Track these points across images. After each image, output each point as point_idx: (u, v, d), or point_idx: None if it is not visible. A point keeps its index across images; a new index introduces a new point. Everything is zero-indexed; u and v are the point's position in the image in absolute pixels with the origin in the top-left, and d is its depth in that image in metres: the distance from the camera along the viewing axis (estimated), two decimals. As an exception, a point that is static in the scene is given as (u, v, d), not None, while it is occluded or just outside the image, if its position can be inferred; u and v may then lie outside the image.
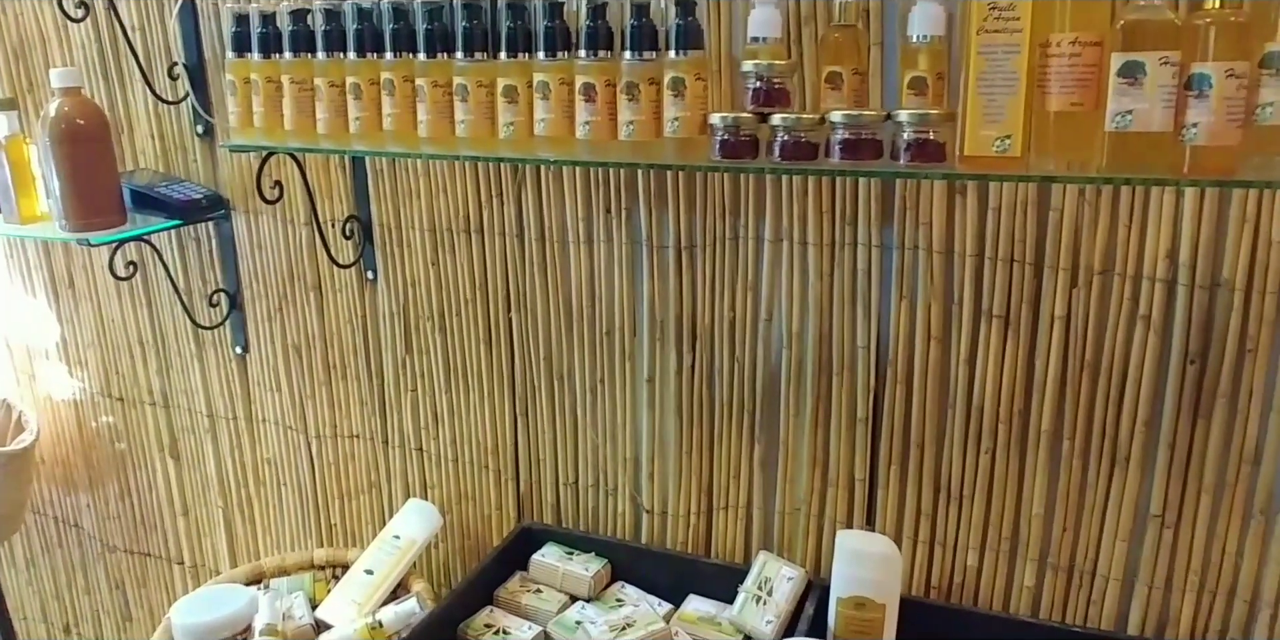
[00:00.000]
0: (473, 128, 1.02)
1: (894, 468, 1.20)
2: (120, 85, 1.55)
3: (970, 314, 1.11)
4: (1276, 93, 0.74)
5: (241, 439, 1.69)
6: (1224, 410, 1.02)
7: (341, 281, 1.48)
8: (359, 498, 1.62)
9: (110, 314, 1.73)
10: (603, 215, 1.27)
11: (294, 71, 1.11)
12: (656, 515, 1.37)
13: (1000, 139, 0.81)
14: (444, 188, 1.35)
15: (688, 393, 1.29)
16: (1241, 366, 1.01)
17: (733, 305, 1.23)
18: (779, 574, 1.22)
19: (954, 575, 1.21)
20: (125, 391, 1.79)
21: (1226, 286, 0.99)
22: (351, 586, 1.39)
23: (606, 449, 1.38)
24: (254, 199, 1.50)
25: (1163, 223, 1.00)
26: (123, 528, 1.92)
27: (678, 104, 0.93)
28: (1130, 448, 1.07)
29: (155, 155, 1.56)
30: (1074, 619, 1.16)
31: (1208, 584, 1.09)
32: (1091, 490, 1.11)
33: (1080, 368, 1.08)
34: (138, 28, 1.48)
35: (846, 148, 0.88)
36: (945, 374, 1.15)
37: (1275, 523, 1.04)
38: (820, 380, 1.21)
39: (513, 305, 1.37)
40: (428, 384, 1.48)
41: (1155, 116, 0.76)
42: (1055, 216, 1.04)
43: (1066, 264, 1.05)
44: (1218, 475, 1.05)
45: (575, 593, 1.31)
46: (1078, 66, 0.78)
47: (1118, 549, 1.11)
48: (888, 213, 1.12)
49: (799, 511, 1.28)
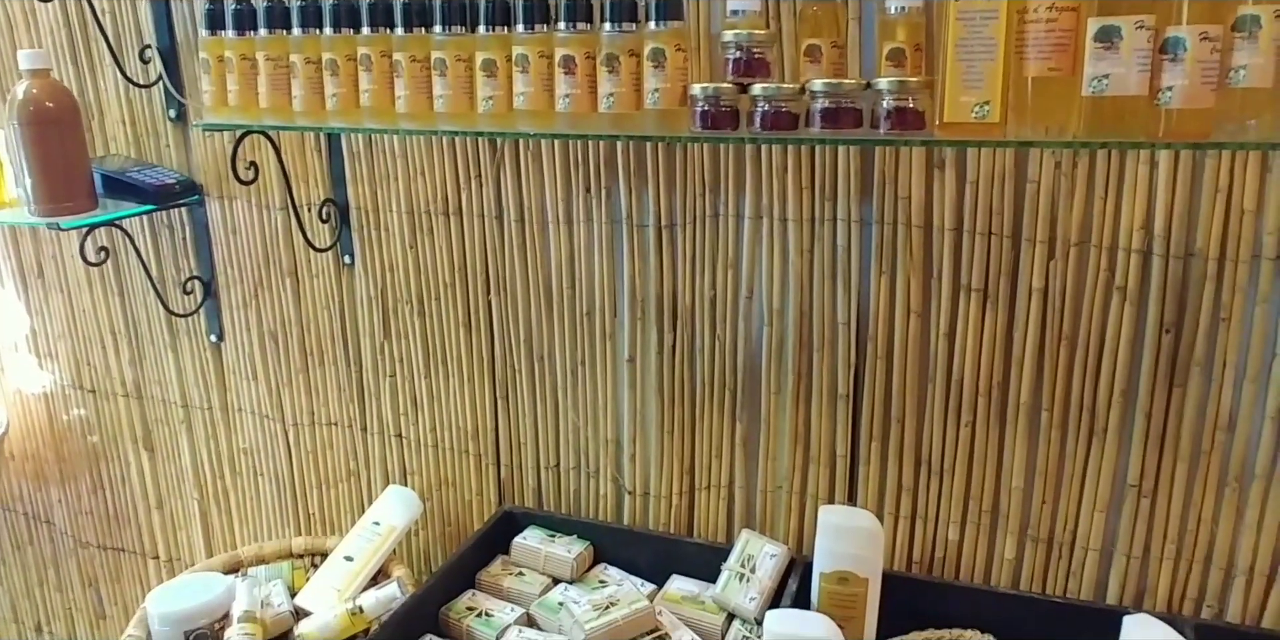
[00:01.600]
0: (451, 102, 1.02)
1: (875, 443, 1.21)
2: (90, 70, 1.53)
3: (949, 288, 1.12)
4: (1249, 56, 0.75)
5: (217, 429, 1.67)
6: (1199, 379, 1.04)
7: (318, 266, 1.47)
8: (338, 486, 1.60)
9: (81, 304, 1.71)
10: (582, 195, 1.26)
11: (269, 48, 1.10)
12: (639, 496, 1.37)
13: (979, 105, 0.82)
14: (422, 170, 1.35)
15: (669, 372, 1.29)
16: (1216, 335, 1.02)
17: (713, 283, 1.23)
18: (762, 551, 1.22)
19: (935, 549, 1.22)
20: (97, 383, 1.76)
21: (1200, 256, 1.01)
22: (331, 573, 1.38)
23: (588, 431, 1.38)
24: (228, 184, 1.48)
25: (1138, 193, 1.01)
26: (95, 523, 1.90)
27: (658, 75, 0.93)
28: (1107, 418, 1.09)
29: (126, 141, 1.54)
30: (1054, 590, 1.17)
31: (1184, 552, 1.10)
32: (1070, 461, 1.12)
33: (1058, 339, 1.09)
34: (107, 11, 1.46)
35: (827, 116, 0.88)
36: (925, 348, 1.15)
37: (1249, 490, 1.05)
38: (801, 357, 1.21)
39: (492, 288, 1.37)
40: (407, 369, 1.47)
41: (1131, 80, 0.77)
42: (1032, 188, 1.05)
43: (1044, 236, 1.06)
44: (1193, 444, 1.06)
45: (558, 575, 1.31)
46: (1054, 32, 0.79)
47: (1096, 519, 1.13)
48: (867, 187, 1.12)
49: (781, 489, 1.28)
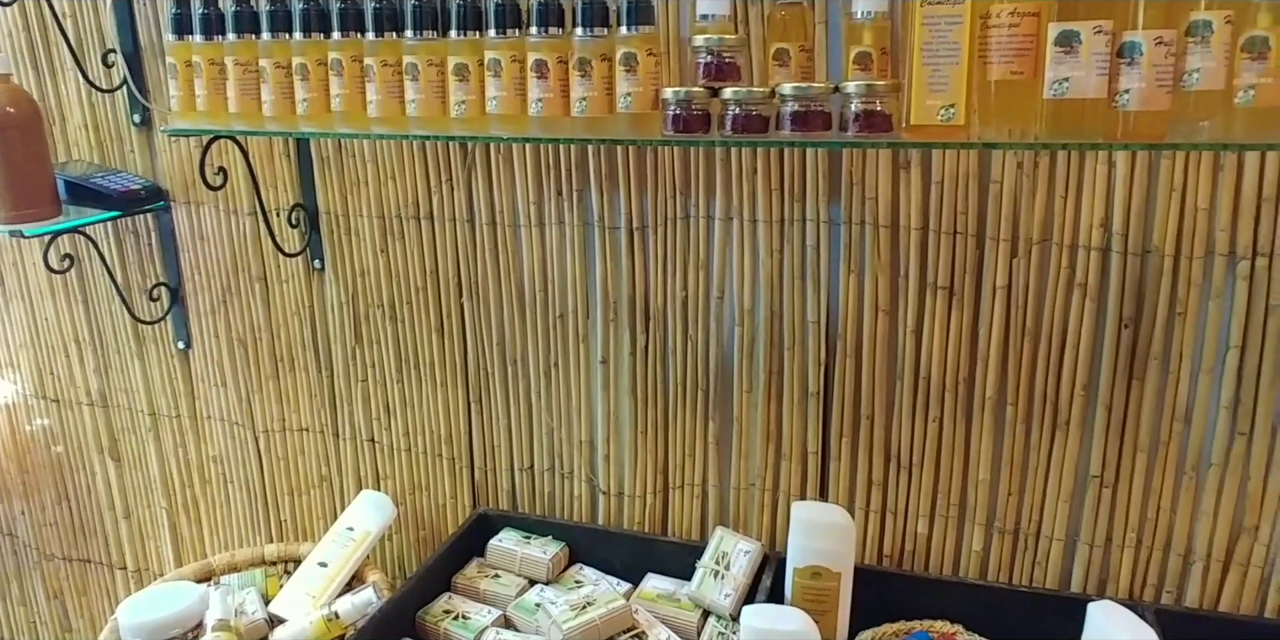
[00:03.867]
0: (424, 107, 1.02)
1: (845, 439, 1.23)
2: (51, 74, 1.51)
3: (916, 286, 1.14)
4: (1201, 60, 0.78)
5: (185, 437, 1.66)
6: (1156, 372, 1.07)
7: (288, 272, 1.47)
8: (310, 492, 1.60)
9: (44, 312, 1.68)
10: (554, 198, 1.27)
11: (238, 53, 1.10)
12: (613, 497, 1.38)
13: (944, 108, 0.84)
14: (392, 174, 1.35)
15: (642, 373, 1.30)
16: (1172, 329, 1.06)
17: (685, 284, 1.25)
18: (736, 548, 1.24)
19: (905, 542, 1.24)
20: (61, 393, 1.74)
21: (1157, 253, 1.04)
22: (305, 580, 1.37)
23: (561, 432, 1.38)
24: (195, 189, 1.47)
25: (1097, 193, 1.04)
26: (60, 534, 1.87)
27: (630, 79, 0.95)
28: (1070, 411, 1.12)
29: (90, 146, 1.52)
30: (1020, 580, 1.20)
31: (1144, 540, 1.14)
32: (1034, 454, 1.15)
33: (1021, 335, 1.12)
34: (68, 14, 1.44)
35: (796, 120, 0.90)
36: (893, 345, 1.18)
37: (1205, 478, 1.09)
38: (772, 356, 1.23)
39: (464, 291, 1.37)
40: (379, 374, 1.47)
41: (1090, 84, 0.80)
42: (995, 188, 1.08)
43: (1007, 235, 1.09)
44: (1152, 434, 1.10)
45: (534, 576, 1.32)
46: (1016, 36, 0.81)
47: (1060, 510, 1.16)
48: (835, 188, 1.15)
49: (754, 487, 1.30)
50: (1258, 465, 1.06)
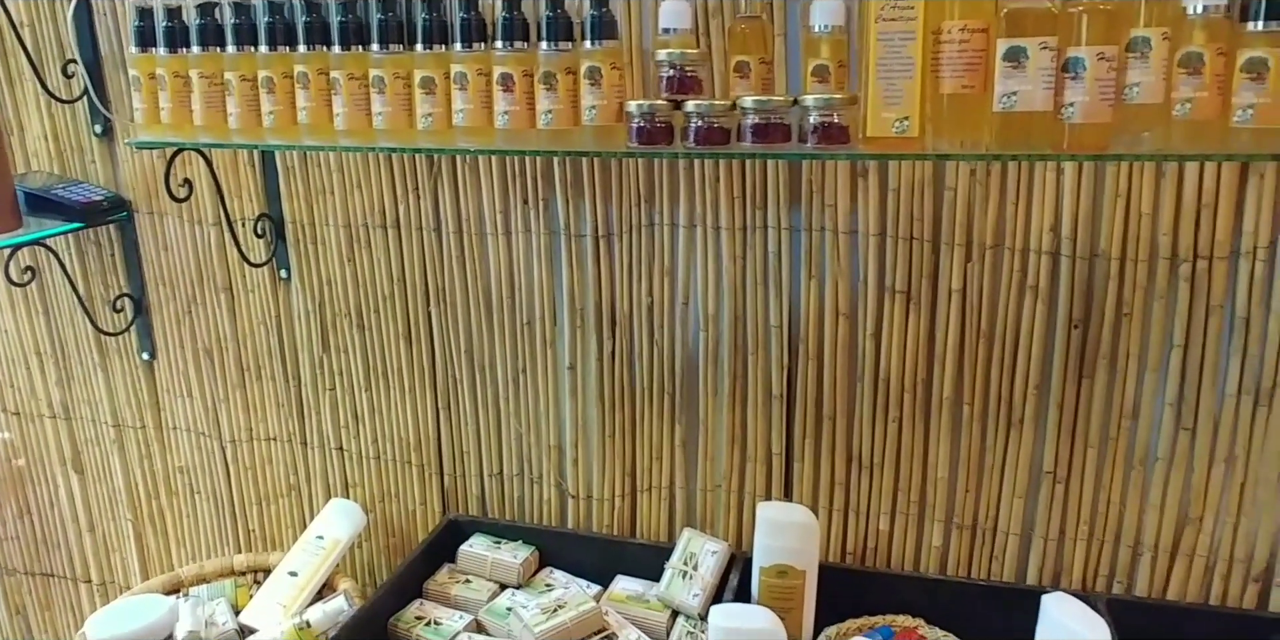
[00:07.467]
0: (390, 119, 1.04)
1: (808, 441, 1.26)
2: (9, 84, 1.50)
3: (875, 290, 1.18)
4: (1141, 74, 0.82)
5: (151, 448, 1.65)
6: (1105, 370, 1.12)
7: (254, 281, 1.47)
8: (278, 501, 1.60)
9: (4, 324, 1.66)
10: (520, 206, 1.29)
11: (203, 66, 1.10)
12: (582, 500, 1.40)
13: (899, 120, 0.88)
14: (358, 183, 1.36)
15: (609, 378, 1.33)
16: (1120, 330, 1.10)
17: (650, 291, 1.27)
18: (703, 549, 1.26)
19: (867, 540, 1.28)
20: (21, 405, 1.72)
21: (1104, 256, 1.08)
22: (275, 589, 1.38)
23: (530, 438, 1.40)
24: (158, 199, 1.47)
25: (1045, 199, 1.09)
26: (22, 548, 1.84)
27: (594, 92, 0.97)
28: (1024, 410, 1.16)
29: (49, 157, 1.51)
30: (979, 573, 1.24)
31: (1096, 533, 1.18)
32: (990, 452, 1.19)
33: (976, 337, 1.15)
34: (26, 24, 1.43)
35: (757, 132, 0.93)
36: (853, 349, 1.21)
37: (1152, 472, 1.13)
38: (736, 360, 1.26)
39: (432, 300, 1.38)
40: (347, 382, 1.47)
41: (1037, 97, 0.83)
42: (950, 195, 1.11)
43: (961, 240, 1.12)
44: (1102, 431, 1.14)
45: (504, 581, 1.33)
46: (967, 52, 0.85)
47: (1015, 505, 1.20)
48: (795, 196, 1.18)
49: (720, 488, 1.33)
50: (1201, 459, 1.11)
